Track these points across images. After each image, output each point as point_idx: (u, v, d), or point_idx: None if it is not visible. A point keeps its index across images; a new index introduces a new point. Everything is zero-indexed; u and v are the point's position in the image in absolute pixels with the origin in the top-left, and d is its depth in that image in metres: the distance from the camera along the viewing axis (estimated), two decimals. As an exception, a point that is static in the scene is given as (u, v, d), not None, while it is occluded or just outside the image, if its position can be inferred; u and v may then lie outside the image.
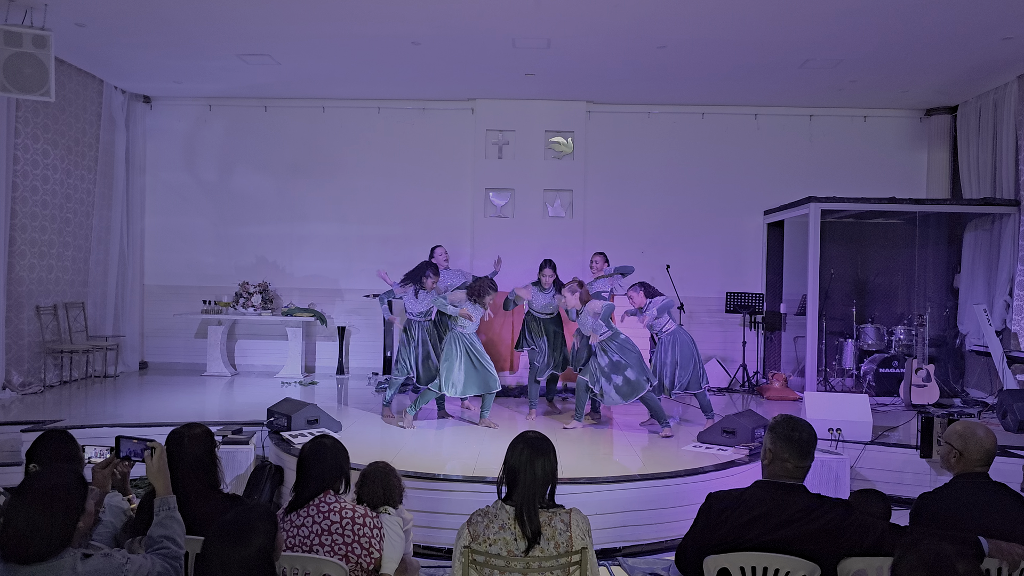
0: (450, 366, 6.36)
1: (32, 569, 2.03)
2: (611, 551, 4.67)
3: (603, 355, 6.30)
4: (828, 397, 6.75)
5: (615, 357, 6.25)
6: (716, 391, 9.08)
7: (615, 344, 6.29)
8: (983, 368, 8.60)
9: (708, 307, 9.75)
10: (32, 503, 2.07)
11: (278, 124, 10.07)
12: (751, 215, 9.96)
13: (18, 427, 6.14)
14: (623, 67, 8.28)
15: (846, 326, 9.02)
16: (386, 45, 7.68)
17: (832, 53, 7.65)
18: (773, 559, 2.50)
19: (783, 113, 9.89)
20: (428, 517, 4.64)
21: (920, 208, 8.84)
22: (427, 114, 9.99)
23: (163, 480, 2.61)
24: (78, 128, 8.85)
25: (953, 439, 2.95)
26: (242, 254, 10.08)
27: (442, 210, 9.92)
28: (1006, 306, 8.25)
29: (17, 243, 7.90)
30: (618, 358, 6.24)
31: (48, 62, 6.48)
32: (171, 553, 2.42)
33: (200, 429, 2.87)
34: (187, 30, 7.31)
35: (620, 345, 6.30)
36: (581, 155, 9.85)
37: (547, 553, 2.53)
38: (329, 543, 2.72)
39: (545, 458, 2.63)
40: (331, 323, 9.81)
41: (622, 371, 6.22)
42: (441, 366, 6.44)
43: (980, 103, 8.89)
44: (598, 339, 6.28)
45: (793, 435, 2.66)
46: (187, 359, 9.87)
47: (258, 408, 6.70)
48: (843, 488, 5.47)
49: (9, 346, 7.72)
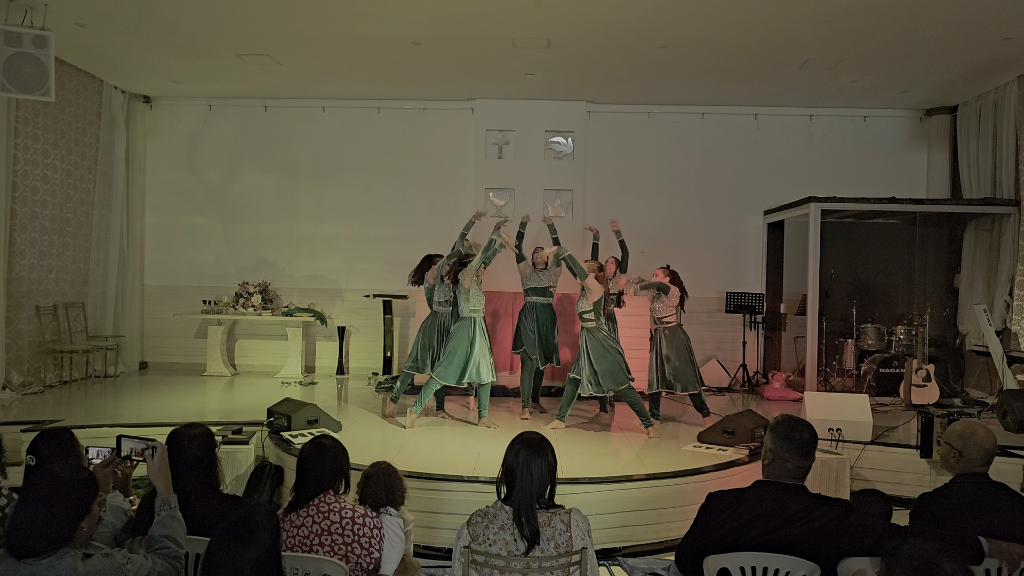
0: (459, 356, 6.30)
1: (32, 568, 2.04)
2: (611, 551, 4.67)
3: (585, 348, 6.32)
4: (828, 397, 6.75)
5: (593, 355, 6.26)
6: (716, 391, 9.09)
7: (597, 337, 6.29)
8: (983, 368, 8.60)
9: (708, 307, 9.75)
10: (37, 497, 2.07)
11: (278, 124, 10.08)
12: (751, 215, 9.97)
13: (18, 427, 6.14)
14: (623, 67, 8.28)
15: (846, 326, 9.02)
16: (386, 45, 7.68)
17: (832, 53, 7.65)
18: (773, 559, 2.50)
19: (783, 113, 9.89)
20: (428, 517, 4.64)
21: (920, 208, 8.85)
22: (427, 114, 10.00)
23: (164, 480, 2.61)
24: (78, 128, 8.85)
25: (952, 439, 2.95)
26: (242, 254, 10.09)
27: (442, 210, 9.92)
28: (1006, 306, 8.26)
29: (17, 243, 7.90)
30: (596, 356, 6.25)
31: (48, 62, 6.48)
32: (172, 553, 2.42)
33: (200, 429, 2.87)
34: (187, 30, 7.31)
35: (599, 342, 6.28)
36: (581, 155, 9.85)
37: (547, 553, 2.53)
38: (329, 543, 2.72)
39: (543, 459, 2.63)
40: (331, 323, 9.81)
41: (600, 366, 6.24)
42: (447, 352, 6.37)
43: (980, 103, 8.89)
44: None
45: (793, 435, 2.66)
46: (187, 359, 9.87)
47: (258, 408, 6.70)
48: (843, 488, 5.47)
49: (9, 346, 7.72)
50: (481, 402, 6.59)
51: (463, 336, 6.37)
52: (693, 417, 7.02)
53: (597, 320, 6.33)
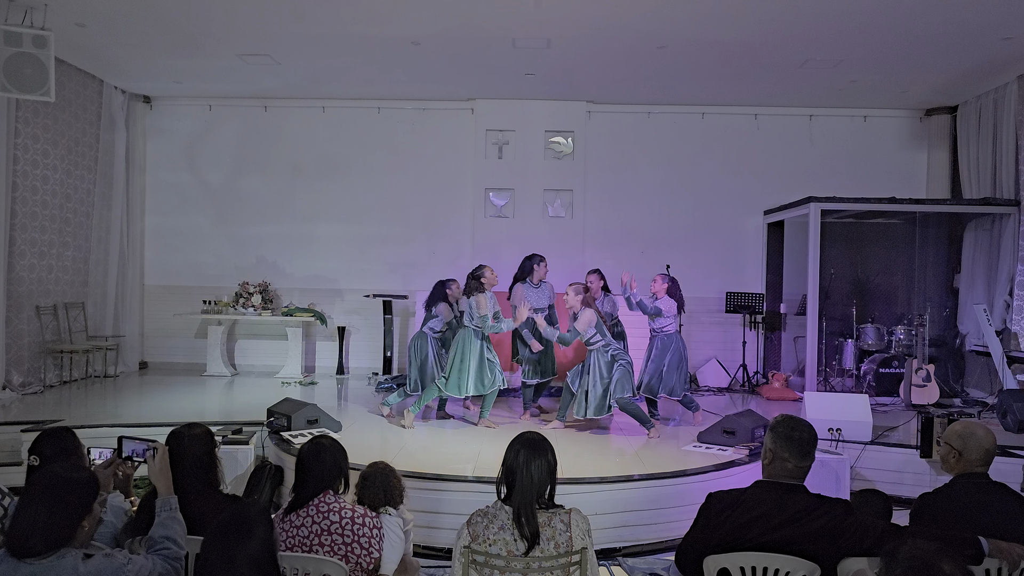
0: (463, 366, 6.28)
1: (33, 568, 2.04)
2: (611, 551, 4.67)
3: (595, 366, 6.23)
4: (828, 397, 6.75)
5: (603, 372, 6.18)
6: (716, 391, 9.10)
7: (606, 356, 6.22)
8: (983, 368, 8.60)
9: (708, 307, 9.75)
10: (38, 497, 2.08)
11: (278, 124, 10.07)
12: (751, 215, 9.96)
13: (18, 427, 6.14)
14: (623, 67, 8.28)
15: (846, 326, 9.02)
16: (386, 45, 7.68)
17: (832, 53, 7.65)
18: (773, 559, 2.51)
19: (783, 113, 9.89)
20: (428, 517, 4.65)
21: (920, 208, 8.85)
22: (427, 114, 9.99)
23: (165, 481, 2.61)
24: (78, 128, 8.85)
25: (952, 439, 2.96)
26: (242, 254, 10.08)
27: (442, 210, 9.92)
28: (1006, 306, 8.25)
29: (17, 243, 7.90)
30: (605, 373, 6.17)
31: (48, 62, 6.48)
32: (172, 554, 2.43)
33: (200, 429, 2.88)
34: (187, 30, 7.31)
35: (611, 359, 6.19)
36: (581, 155, 9.85)
37: (547, 553, 2.53)
38: (329, 543, 2.72)
39: (543, 459, 2.63)
40: (331, 323, 9.81)
41: (604, 385, 6.17)
42: (452, 364, 6.33)
43: (980, 103, 8.89)
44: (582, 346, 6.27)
45: (793, 435, 2.66)
46: (187, 359, 9.87)
47: (258, 408, 6.70)
48: (843, 488, 5.46)
49: (9, 346, 7.71)
50: (485, 402, 6.59)
51: (471, 347, 6.31)
52: (692, 417, 7.02)
53: (605, 338, 6.26)
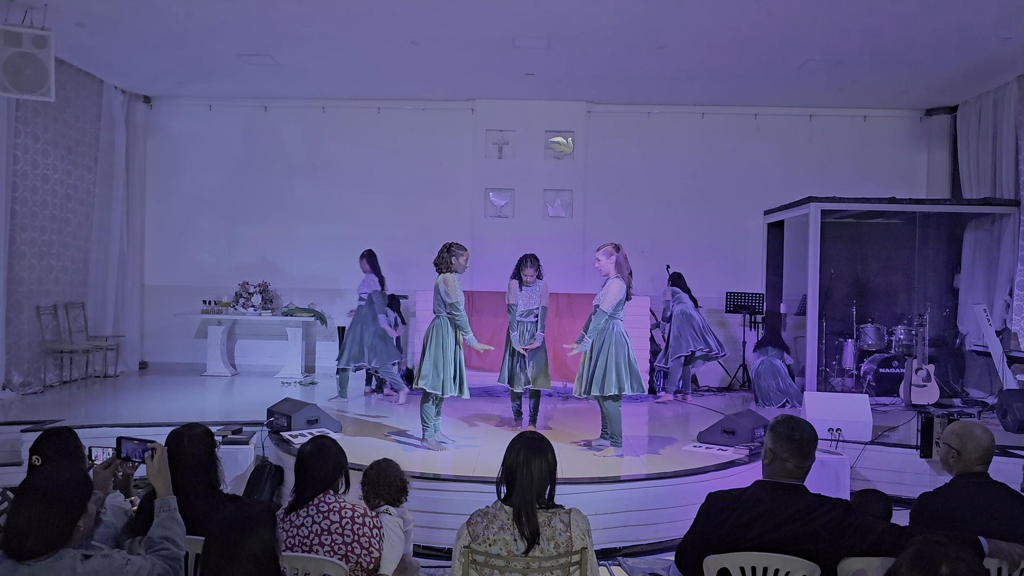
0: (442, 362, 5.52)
1: (31, 568, 2.04)
2: (611, 551, 4.67)
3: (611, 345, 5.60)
4: (828, 397, 6.75)
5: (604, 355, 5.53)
6: (716, 391, 9.10)
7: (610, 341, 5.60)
8: (983, 368, 8.60)
9: (708, 307, 9.72)
10: (33, 499, 2.07)
11: (278, 124, 10.07)
12: (751, 215, 9.96)
13: (18, 427, 6.13)
14: (623, 67, 8.28)
15: (846, 326, 9.01)
16: (386, 45, 7.67)
17: (832, 53, 7.65)
18: (773, 559, 2.50)
19: (783, 113, 9.88)
20: (428, 517, 4.64)
21: (920, 208, 8.84)
22: (427, 114, 9.99)
23: (164, 481, 2.61)
24: (78, 128, 8.85)
25: (951, 439, 2.96)
26: (242, 254, 10.08)
27: (442, 210, 9.92)
28: (1006, 306, 8.25)
29: (17, 243, 7.90)
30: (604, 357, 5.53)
31: (48, 62, 6.48)
32: (171, 554, 2.42)
33: (200, 429, 2.87)
34: (187, 30, 7.31)
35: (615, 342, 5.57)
36: (581, 155, 9.85)
37: (547, 553, 2.53)
38: (329, 543, 2.72)
39: (542, 458, 2.63)
40: (331, 323, 9.80)
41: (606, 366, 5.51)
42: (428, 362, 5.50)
43: (980, 103, 8.89)
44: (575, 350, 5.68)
45: (793, 435, 2.66)
46: (187, 359, 9.87)
47: (258, 408, 6.69)
48: (843, 488, 5.47)
49: (9, 346, 7.71)
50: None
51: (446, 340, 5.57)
52: (692, 418, 7.02)
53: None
